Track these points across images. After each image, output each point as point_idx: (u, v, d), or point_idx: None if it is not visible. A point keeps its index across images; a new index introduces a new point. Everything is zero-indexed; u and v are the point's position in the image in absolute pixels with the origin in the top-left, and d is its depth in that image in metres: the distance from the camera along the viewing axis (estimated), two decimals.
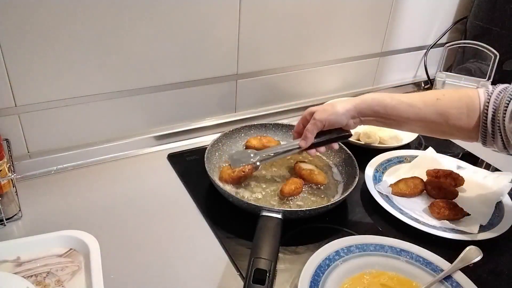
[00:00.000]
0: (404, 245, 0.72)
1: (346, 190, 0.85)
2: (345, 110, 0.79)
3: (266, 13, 1.02)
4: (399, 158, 0.99)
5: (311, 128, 0.81)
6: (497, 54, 1.18)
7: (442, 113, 0.74)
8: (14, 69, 0.80)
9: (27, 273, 0.64)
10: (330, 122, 0.80)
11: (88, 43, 0.85)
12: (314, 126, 0.81)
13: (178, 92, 1.00)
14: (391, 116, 0.78)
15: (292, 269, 0.70)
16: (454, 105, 0.74)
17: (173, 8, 0.90)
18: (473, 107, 0.73)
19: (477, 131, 0.73)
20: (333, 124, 0.81)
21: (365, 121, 0.81)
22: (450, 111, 0.74)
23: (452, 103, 0.74)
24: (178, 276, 0.69)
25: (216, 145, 0.94)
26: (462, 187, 0.91)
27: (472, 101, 0.73)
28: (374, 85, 1.36)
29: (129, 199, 0.84)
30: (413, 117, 0.77)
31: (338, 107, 0.80)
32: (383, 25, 1.25)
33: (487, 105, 0.71)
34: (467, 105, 0.73)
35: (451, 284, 0.67)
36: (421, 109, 0.76)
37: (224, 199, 0.81)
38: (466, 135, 0.75)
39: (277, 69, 1.12)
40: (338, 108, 0.80)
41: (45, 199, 0.83)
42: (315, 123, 0.80)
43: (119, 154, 0.97)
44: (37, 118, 0.87)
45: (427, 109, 0.75)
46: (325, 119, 0.80)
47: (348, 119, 0.80)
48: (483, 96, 0.72)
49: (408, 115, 0.77)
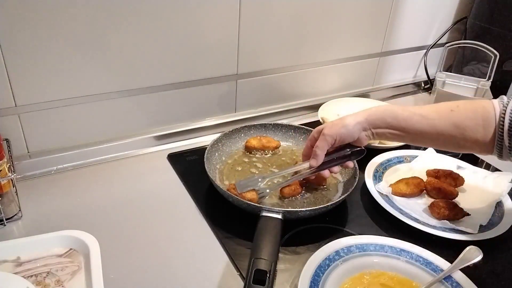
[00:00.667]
0: (404, 245, 0.72)
1: (346, 190, 0.85)
2: (355, 122, 0.76)
3: (266, 13, 1.02)
4: (399, 158, 0.99)
5: (320, 144, 0.77)
6: (497, 54, 1.18)
7: (458, 125, 0.71)
8: (14, 69, 0.80)
9: (27, 273, 0.64)
10: (341, 136, 0.76)
11: (88, 43, 0.85)
12: (324, 142, 0.76)
13: (178, 92, 1.00)
14: (404, 128, 0.74)
15: (292, 269, 0.70)
16: (469, 116, 0.71)
17: (173, 8, 0.90)
18: (489, 119, 0.69)
19: (493, 144, 0.70)
20: (344, 138, 0.77)
21: (377, 134, 0.77)
22: (466, 123, 0.70)
23: (467, 114, 0.71)
24: (178, 276, 0.69)
25: (216, 145, 0.94)
26: (462, 187, 0.91)
27: (487, 112, 0.69)
28: (374, 85, 1.36)
29: (129, 199, 0.84)
30: (427, 129, 0.73)
31: (348, 120, 0.76)
32: (383, 25, 1.25)
33: (503, 116, 0.68)
34: (483, 117, 0.70)
35: (451, 284, 0.67)
36: (435, 120, 0.72)
37: (224, 199, 0.81)
38: (481, 148, 0.71)
39: (277, 69, 1.12)
40: (348, 121, 0.76)
41: (45, 199, 0.83)
42: (325, 139, 0.76)
43: (119, 154, 0.97)
44: (37, 118, 0.87)
45: (442, 121, 0.72)
46: (335, 133, 0.76)
47: (360, 131, 0.76)
48: (498, 106, 0.69)
49: (422, 127, 0.73)
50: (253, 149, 0.97)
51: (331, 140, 0.76)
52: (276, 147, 0.99)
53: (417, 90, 1.45)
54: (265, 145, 0.97)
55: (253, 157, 0.97)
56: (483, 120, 0.70)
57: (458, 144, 0.73)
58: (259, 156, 0.97)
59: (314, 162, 0.78)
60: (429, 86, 1.43)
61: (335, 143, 0.77)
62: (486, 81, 1.22)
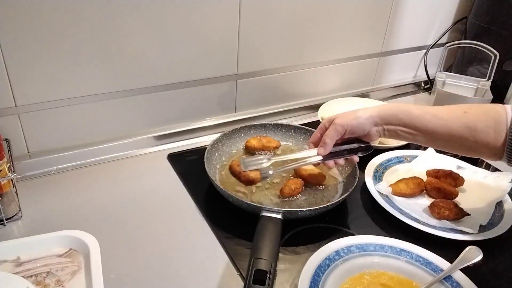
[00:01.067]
0: (404, 245, 0.72)
1: (346, 190, 0.85)
2: (368, 116, 0.75)
3: (266, 13, 1.02)
4: (399, 158, 0.99)
5: (330, 133, 0.76)
6: (497, 54, 1.18)
7: (470, 126, 0.70)
8: (14, 69, 0.80)
9: (27, 273, 0.64)
10: (352, 127, 0.75)
11: (88, 43, 0.85)
12: (334, 132, 0.76)
13: (178, 92, 1.00)
14: (416, 126, 0.74)
15: (292, 269, 0.70)
16: (481, 118, 0.70)
17: (173, 8, 0.90)
18: (501, 122, 0.69)
19: (503, 149, 0.69)
20: (355, 130, 0.76)
21: (388, 131, 0.76)
22: (478, 125, 0.70)
23: (479, 116, 0.70)
24: (178, 276, 0.69)
25: (216, 145, 0.94)
26: (462, 187, 0.91)
27: (499, 116, 0.69)
28: (374, 85, 1.36)
29: (129, 199, 0.84)
30: (439, 129, 0.72)
31: (361, 113, 0.76)
32: (383, 25, 1.25)
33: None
34: (495, 120, 0.69)
35: (451, 284, 0.67)
36: (448, 121, 0.72)
37: (224, 199, 0.81)
38: (492, 152, 0.71)
39: (277, 69, 1.12)
40: (360, 113, 0.76)
41: (45, 199, 0.83)
42: (335, 128, 0.76)
43: (119, 154, 0.97)
44: (37, 118, 0.87)
45: (454, 122, 0.71)
46: (346, 123, 0.75)
47: (371, 126, 0.76)
48: (510, 111, 0.69)
49: (435, 126, 0.73)
50: (253, 149, 0.97)
51: (341, 130, 0.76)
52: (276, 147, 0.99)
53: (417, 90, 1.45)
54: (265, 145, 0.97)
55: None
56: (495, 124, 0.69)
57: (469, 147, 0.72)
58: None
59: (322, 150, 0.77)
60: (429, 86, 1.43)
61: (345, 134, 0.77)
62: (486, 81, 1.22)
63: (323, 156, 0.78)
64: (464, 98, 1.17)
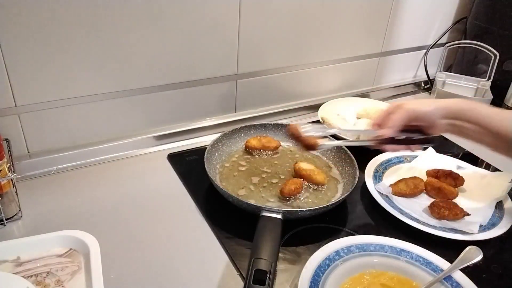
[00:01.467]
0: (404, 245, 0.72)
1: (346, 190, 0.85)
2: (435, 106, 0.75)
3: (266, 13, 1.02)
4: (399, 158, 0.99)
5: (399, 116, 0.74)
6: (497, 54, 1.18)
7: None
8: (14, 69, 0.80)
9: (27, 273, 0.64)
10: (420, 114, 0.75)
11: (88, 43, 0.85)
12: (402, 115, 0.74)
13: (178, 92, 1.00)
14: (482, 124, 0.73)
15: (292, 269, 0.70)
16: None
17: (173, 8, 0.90)
18: None
19: None
20: (422, 118, 0.75)
21: (454, 126, 0.76)
22: None
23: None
24: (178, 276, 0.69)
25: (216, 145, 0.94)
26: (462, 187, 0.91)
27: None
28: (374, 85, 1.36)
29: (129, 199, 0.84)
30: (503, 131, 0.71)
31: (429, 102, 0.76)
32: (383, 25, 1.25)
33: None
34: None
35: (451, 284, 0.67)
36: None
37: (224, 199, 0.81)
38: None
39: (277, 69, 1.12)
40: (429, 102, 0.76)
41: (45, 199, 0.83)
42: (407, 111, 0.74)
43: (119, 154, 0.97)
44: (37, 118, 0.87)
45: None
46: (415, 109, 0.74)
47: (437, 118, 0.75)
48: None
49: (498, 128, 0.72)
50: (253, 149, 0.97)
51: (410, 115, 0.75)
52: (276, 147, 0.99)
53: (417, 90, 1.45)
54: (265, 145, 0.97)
55: (253, 157, 0.97)
56: None
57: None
58: (259, 156, 0.97)
59: (388, 131, 0.75)
60: (429, 86, 1.43)
61: (410, 121, 0.76)
62: (486, 81, 1.22)
63: (387, 137, 0.76)
64: (464, 98, 1.17)
